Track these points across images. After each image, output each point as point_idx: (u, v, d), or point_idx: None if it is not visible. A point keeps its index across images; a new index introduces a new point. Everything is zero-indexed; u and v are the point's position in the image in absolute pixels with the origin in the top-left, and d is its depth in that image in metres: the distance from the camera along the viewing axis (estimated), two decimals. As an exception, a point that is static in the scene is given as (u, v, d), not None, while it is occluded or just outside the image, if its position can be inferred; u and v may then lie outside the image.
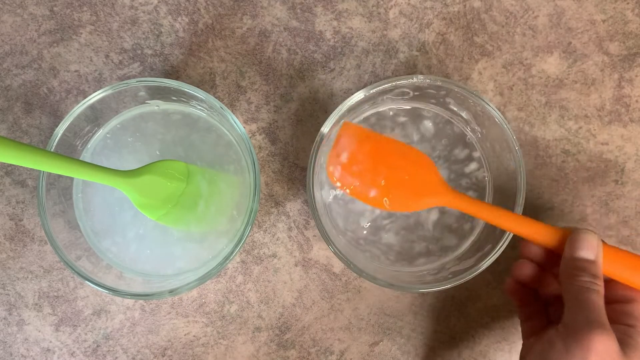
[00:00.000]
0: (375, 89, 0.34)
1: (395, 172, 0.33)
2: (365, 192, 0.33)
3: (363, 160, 0.33)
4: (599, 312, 0.28)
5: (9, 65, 0.39)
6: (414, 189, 0.33)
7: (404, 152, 0.34)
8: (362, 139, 0.33)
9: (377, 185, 0.33)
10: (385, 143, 0.34)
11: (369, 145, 0.33)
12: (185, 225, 0.37)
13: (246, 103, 0.40)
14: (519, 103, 0.39)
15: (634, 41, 0.39)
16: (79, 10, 0.39)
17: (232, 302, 0.39)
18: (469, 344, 0.40)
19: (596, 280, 0.29)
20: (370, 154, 0.33)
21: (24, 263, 0.39)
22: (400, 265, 0.37)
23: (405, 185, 0.33)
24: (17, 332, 0.39)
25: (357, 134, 0.33)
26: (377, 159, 0.33)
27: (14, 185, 0.40)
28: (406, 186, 0.33)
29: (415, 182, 0.33)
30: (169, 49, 0.39)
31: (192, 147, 0.37)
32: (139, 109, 0.37)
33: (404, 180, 0.33)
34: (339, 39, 0.39)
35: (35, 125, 0.39)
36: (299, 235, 0.40)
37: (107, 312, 0.39)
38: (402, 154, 0.34)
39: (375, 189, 0.33)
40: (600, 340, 0.27)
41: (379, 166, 0.33)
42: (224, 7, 0.39)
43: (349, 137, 0.33)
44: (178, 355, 0.40)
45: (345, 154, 0.33)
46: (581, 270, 0.29)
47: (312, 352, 0.40)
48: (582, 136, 0.39)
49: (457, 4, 0.39)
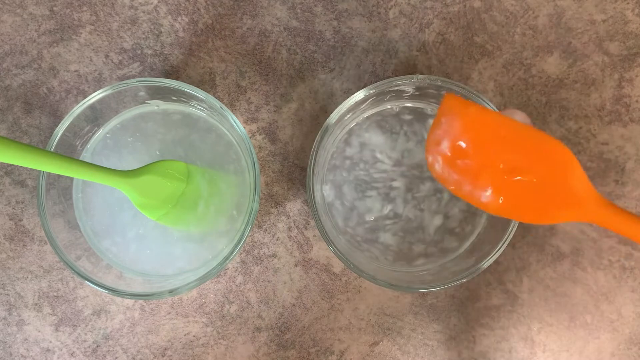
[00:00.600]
0: (375, 89, 0.34)
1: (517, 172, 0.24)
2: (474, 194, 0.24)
3: (473, 151, 0.24)
4: None
5: (8, 65, 0.39)
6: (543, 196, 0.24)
7: (533, 141, 0.24)
8: (470, 120, 0.24)
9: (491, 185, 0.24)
10: (505, 127, 0.24)
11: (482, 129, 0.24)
12: (185, 225, 0.37)
13: (246, 103, 0.40)
14: (519, 103, 0.39)
15: (634, 41, 0.39)
16: (79, 10, 0.39)
17: (232, 302, 0.39)
18: (469, 344, 0.40)
19: None
20: (482, 143, 0.24)
21: (24, 263, 0.39)
22: (400, 266, 0.37)
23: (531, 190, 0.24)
24: (17, 332, 0.39)
25: (464, 112, 0.24)
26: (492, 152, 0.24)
27: (14, 185, 0.40)
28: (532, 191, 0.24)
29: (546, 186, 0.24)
30: (169, 49, 0.39)
31: (192, 147, 0.37)
32: (139, 109, 0.37)
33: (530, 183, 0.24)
34: (339, 39, 0.39)
35: (35, 125, 0.39)
36: (299, 235, 0.40)
37: (107, 312, 0.39)
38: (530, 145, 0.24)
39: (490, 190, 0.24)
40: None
41: (495, 161, 0.24)
42: (224, 7, 0.39)
43: (452, 116, 0.24)
44: (178, 355, 0.40)
45: (447, 142, 0.24)
46: None
47: (312, 352, 0.40)
48: (582, 136, 0.39)
49: (457, 4, 0.39)
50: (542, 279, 0.39)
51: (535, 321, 0.40)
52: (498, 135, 0.24)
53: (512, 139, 0.24)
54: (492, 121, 0.24)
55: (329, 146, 0.37)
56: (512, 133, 0.24)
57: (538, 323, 0.40)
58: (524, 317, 0.40)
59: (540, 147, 0.24)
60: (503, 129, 0.24)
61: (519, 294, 0.39)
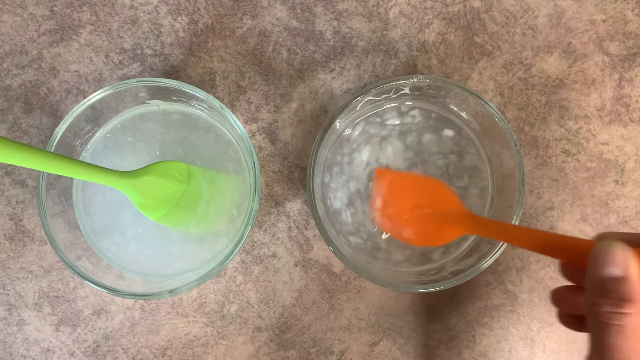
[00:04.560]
0: (375, 89, 0.34)
1: (418, 209, 0.33)
2: (400, 233, 0.33)
3: (392, 201, 0.34)
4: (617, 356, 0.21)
5: (9, 65, 0.39)
6: (435, 222, 0.33)
7: (424, 183, 0.34)
8: (389, 181, 0.34)
9: (406, 224, 0.33)
10: (406, 179, 0.35)
11: (394, 185, 0.34)
12: (185, 225, 0.37)
13: (246, 103, 0.40)
14: (519, 103, 0.39)
15: (634, 41, 0.39)
16: (79, 10, 0.39)
17: (232, 302, 0.39)
18: (469, 344, 0.40)
19: (622, 308, 0.21)
20: (395, 194, 0.34)
21: (24, 263, 0.39)
22: (400, 266, 0.37)
23: (428, 220, 0.33)
24: (17, 332, 0.39)
25: (385, 177, 0.35)
26: (402, 198, 0.34)
27: (14, 185, 0.40)
28: (428, 221, 0.33)
29: (436, 215, 0.33)
30: (169, 49, 0.39)
31: (192, 147, 0.37)
32: (139, 109, 0.37)
33: (425, 215, 0.33)
34: (339, 39, 0.39)
35: (35, 125, 0.39)
36: (299, 235, 0.40)
37: (107, 312, 0.39)
38: (422, 187, 0.34)
39: (406, 227, 0.33)
40: None
41: (404, 204, 0.34)
42: (224, 7, 0.39)
43: (379, 182, 0.35)
44: (178, 355, 0.40)
45: (379, 200, 0.34)
46: (602, 297, 0.22)
47: (312, 352, 0.40)
48: (582, 136, 0.39)
49: (457, 4, 0.39)
50: (542, 279, 0.39)
51: (535, 321, 0.40)
52: (403, 186, 0.34)
53: (412, 186, 0.34)
54: (398, 177, 0.35)
55: (329, 146, 0.37)
56: (411, 182, 0.34)
57: (538, 323, 0.40)
58: (524, 317, 0.40)
59: (428, 187, 0.34)
60: (406, 181, 0.34)
61: (519, 294, 0.39)
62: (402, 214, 0.34)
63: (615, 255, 0.22)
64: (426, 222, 0.33)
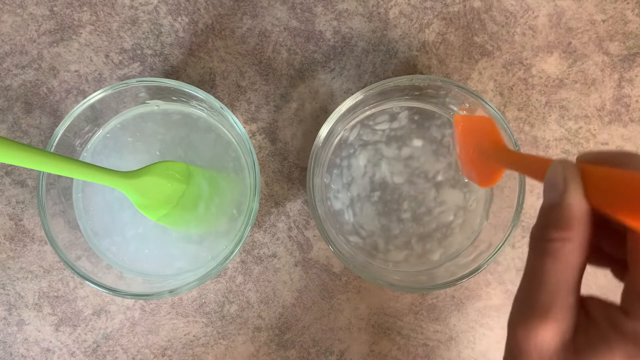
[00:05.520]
0: (375, 89, 0.34)
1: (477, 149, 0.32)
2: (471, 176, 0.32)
3: (462, 145, 0.34)
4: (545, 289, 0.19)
5: (9, 65, 0.39)
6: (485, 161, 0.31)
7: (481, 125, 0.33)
8: (461, 127, 0.34)
9: (473, 166, 0.32)
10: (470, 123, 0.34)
11: (464, 130, 0.34)
12: (185, 226, 0.37)
13: (246, 103, 0.40)
14: (519, 103, 0.39)
15: (634, 41, 0.39)
16: (79, 10, 0.39)
17: (232, 302, 0.39)
18: (469, 344, 0.40)
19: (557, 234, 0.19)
20: (464, 138, 0.33)
21: (24, 263, 0.39)
22: (400, 266, 0.37)
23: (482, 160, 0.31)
24: (17, 332, 0.39)
25: (458, 123, 0.34)
26: (468, 141, 0.33)
27: (14, 185, 0.40)
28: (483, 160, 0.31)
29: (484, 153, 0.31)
30: (169, 49, 0.39)
31: (192, 147, 0.37)
32: (139, 109, 0.37)
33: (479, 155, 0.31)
34: (339, 39, 0.39)
35: (35, 125, 0.39)
36: (299, 235, 0.40)
37: (107, 312, 0.39)
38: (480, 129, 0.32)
39: (473, 169, 0.32)
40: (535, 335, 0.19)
41: (469, 147, 0.33)
42: (224, 7, 0.39)
43: (456, 129, 0.34)
44: (178, 355, 0.40)
45: (457, 146, 0.34)
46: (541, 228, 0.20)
47: (312, 352, 0.40)
48: (582, 136, 0.39)
49: (457, 4, 0.39)
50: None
51: (535, 321, 0.40)
52: (470, 129, 0.33)
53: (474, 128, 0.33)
54: (467, 121, 0.34)
55: (328, 146, 0.37)
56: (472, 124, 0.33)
57: (538, 323, 0.40)
58: (524, 317, 0.40)
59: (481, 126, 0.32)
60: (470, 123, 0.33)
61: (519, 294, 0.39)
62: (468, 156, 0.33)
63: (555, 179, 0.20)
64: (482, 162, 0.31)
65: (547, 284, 0.19)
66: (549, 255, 0.19)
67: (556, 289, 0.19)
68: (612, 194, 0.18)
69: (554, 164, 0.20)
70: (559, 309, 0.19)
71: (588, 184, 0.19)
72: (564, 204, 0.19)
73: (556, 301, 0.19)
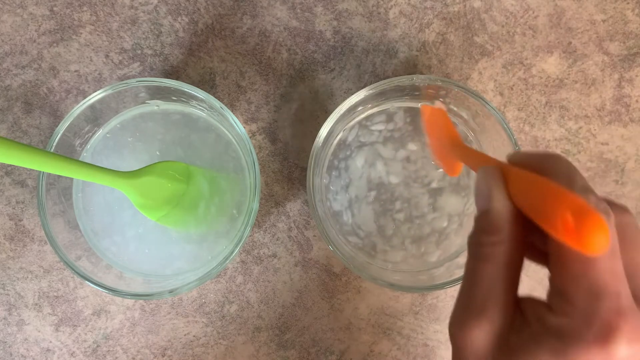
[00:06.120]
0: (375, 89, 0.34)
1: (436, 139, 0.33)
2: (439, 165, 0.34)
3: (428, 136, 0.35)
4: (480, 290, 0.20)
5: (8, 65, 0.39)
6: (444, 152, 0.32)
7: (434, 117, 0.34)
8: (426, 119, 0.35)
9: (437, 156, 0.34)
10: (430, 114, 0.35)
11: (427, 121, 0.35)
12: (185, 226, 0.37)
13: (246, 103, 0.40)
14: (519, 103, 0.39)
15: (634, 41, 0.39)
16: (79, 10, 0.39)
17: (232, 302, 0.39)
18: (469, 344, 0.40)
19: (487, 238, 0.20)
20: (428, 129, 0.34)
21: (24, 263, 0.39)
22: (400, 266, 0.37)
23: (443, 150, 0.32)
24: (17, 332, 0.39)
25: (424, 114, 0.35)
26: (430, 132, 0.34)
27: (14, 185, 0.40)
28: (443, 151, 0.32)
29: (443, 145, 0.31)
30: (169, 49, 0.39)
31: (192, 147, 0.37)
32: (139, 109, 0.37)
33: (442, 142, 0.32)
34: (339, 39, 0.39)
35: (35, 125, 0.39)
36: (299, 235, 0.40)
37: (107, 312, 0.39)
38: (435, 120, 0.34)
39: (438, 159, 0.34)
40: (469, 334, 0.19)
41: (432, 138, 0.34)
42: (224, 7, 0.39)
43: (422, 119, 0.35)
44: (178, 355, 0.40)
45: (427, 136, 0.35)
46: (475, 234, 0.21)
47: (312, 352, 0.40)
48: (582, 136, 0.39)
49: (457, 4, 0.39)
50: (542, 279, 0.39)
51: (535, 321, 0.40)
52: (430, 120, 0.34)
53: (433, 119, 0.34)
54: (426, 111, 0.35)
55: (328, 146, 0.37)
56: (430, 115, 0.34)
57: (538, 323, 0.40)
58: (524, 317, 0.40)
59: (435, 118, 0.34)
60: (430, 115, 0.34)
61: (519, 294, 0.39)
62: (433, 146, 0.34)
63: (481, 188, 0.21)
64: (443, 153, 0.32)
65: (481, 285, 0.20)
66: (482, 259, 0.20)
67: (490, 290, 0.20)
68: (529, 199, 0.19)
69: (478, 172, 0.21)
70: (493, 308, 0.19)
71: (511, 187, 0.20)
72: (491, 210, 0.20)
73: (490, 301, 0.19)
